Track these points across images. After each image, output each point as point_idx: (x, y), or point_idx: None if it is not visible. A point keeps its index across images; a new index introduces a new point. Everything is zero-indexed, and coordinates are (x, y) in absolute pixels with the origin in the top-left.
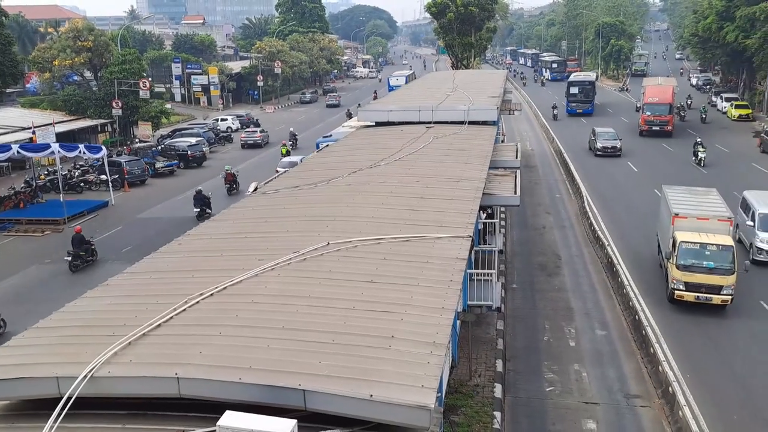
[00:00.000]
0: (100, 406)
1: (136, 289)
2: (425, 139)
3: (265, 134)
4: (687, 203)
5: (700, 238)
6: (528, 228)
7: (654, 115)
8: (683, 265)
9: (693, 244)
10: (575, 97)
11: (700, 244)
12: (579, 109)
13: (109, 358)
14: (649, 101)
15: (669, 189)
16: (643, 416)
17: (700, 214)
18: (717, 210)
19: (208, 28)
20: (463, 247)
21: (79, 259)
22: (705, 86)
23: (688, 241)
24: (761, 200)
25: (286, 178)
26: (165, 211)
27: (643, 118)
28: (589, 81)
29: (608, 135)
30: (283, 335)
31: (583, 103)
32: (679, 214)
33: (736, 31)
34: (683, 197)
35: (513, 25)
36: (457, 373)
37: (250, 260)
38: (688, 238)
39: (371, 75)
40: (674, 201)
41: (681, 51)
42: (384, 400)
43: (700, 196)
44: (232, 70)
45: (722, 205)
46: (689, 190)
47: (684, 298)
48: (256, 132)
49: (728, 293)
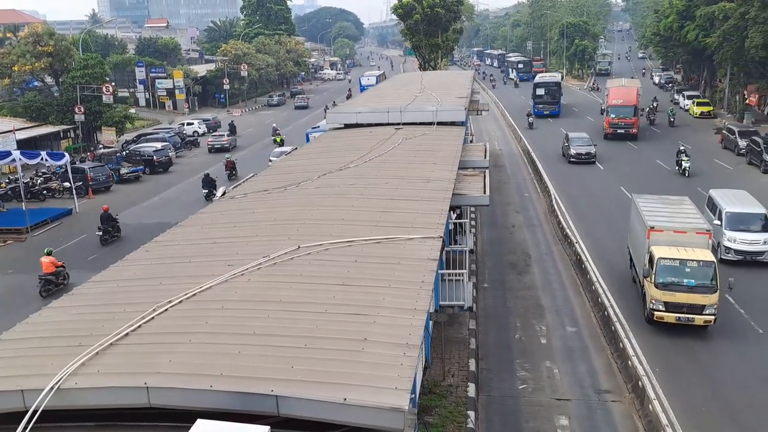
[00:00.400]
0: (68, 418)
1: (103, 298)
2: (394, 141)
3: (232, 138)
4: (661, 215)
5: (679, 253)
6: (498, 227)
7: (618, 117)
8: (662, 283)
9: (672, 260)
10: (541, 99)
11: (679, 261)
12: (546, 111)
13: (76, 369)
14: (613, 103)
15: (640, 199)
16: (614, 411)
17: (677, 227)
18: (694, 222)
19: (172, 31)
20: (434, 248)
21: (108, 234)
22: (667, 84)
23: (666, 257)
24: (727, 199)
25: (255, 182)
26: (131, 217)
27: (608, 120)
28: (555, 82)
29: (582, 140)
30: (254, 341)
31: (550, 104)
32: (655, 227)
33: (696, 30)
34: (656, 207)
35: (479, 26)
36: (430, 373)
37: (219, 266)
38: (666, 253)
39: (339, 77)
40: (648, 212)
41: (643, 50)
42: (358, 404)
43: (673, 206)
44: (197, 73)
45: (698, 216)
46: (661, 200)
47: (664, 319)
48: (223, 136)
49: (711, 313)
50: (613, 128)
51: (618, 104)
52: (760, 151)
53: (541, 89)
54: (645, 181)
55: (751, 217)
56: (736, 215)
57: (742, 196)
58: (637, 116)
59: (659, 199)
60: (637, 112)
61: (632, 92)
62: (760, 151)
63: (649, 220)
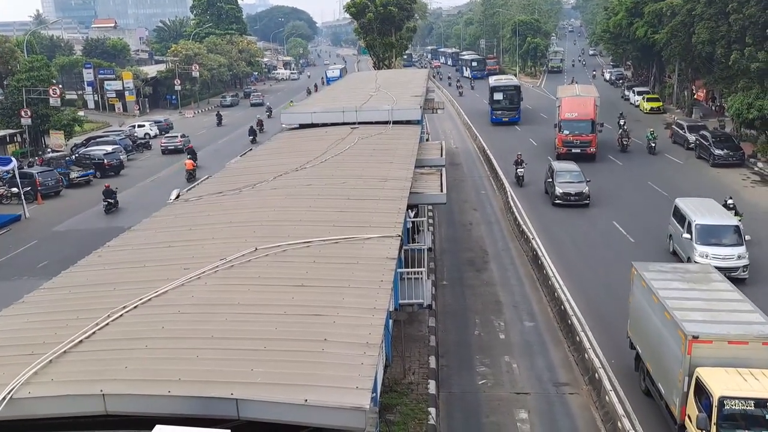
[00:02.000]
0: (22, 429)
1: (55, 305)
2: (350, 140)
3: (185, 139)
4: (693, 305)
5: (753, 387)
6: (455, 225)
7: (573, 134)
8: None
9: (744, 402)
10: (499, 104)
11: (755, 402)
12: (505, 117)
13: (29, 378)
14: (567, 117)
15: (651, 274)
16: (572, 403)
17: (732, 334)
18: (750, 320)
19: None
20: (393, 247)
21: (110, 205)
22: (618, 81)
23: (734, 396)
24: (696, 209)
25: (209, 184)
26: (83, 222)
27: (560, 138)
28: (513, 86)
29: (571, 175)
30: (212, 345)
31: (509, 110)
32: (700, 336)
33: (645, 27)
34: (678, 289)
35: (432, 25)
36: (391, 372)
37: (175, 270)
38: (732, 390)
39: (293, 77)
40: (673, 302)
41: (594, 47)
42: (319, 404)
43: (701, 285)
44: (147, 74)
45: (746, 303)
46: (679, 273)
47: None
48: (176, 137)
49: None
50: (566, 147)
51: (572, 118)
52: (708, 145)
53: (499, 93)
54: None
55: (723, 229)
56: (707, 228)
57: (711, 206)
58: (595, 132)
59: (674, 271)
60: (594, 127)
61: (588, 103)
62: (708, 145)
63: (687, 324)
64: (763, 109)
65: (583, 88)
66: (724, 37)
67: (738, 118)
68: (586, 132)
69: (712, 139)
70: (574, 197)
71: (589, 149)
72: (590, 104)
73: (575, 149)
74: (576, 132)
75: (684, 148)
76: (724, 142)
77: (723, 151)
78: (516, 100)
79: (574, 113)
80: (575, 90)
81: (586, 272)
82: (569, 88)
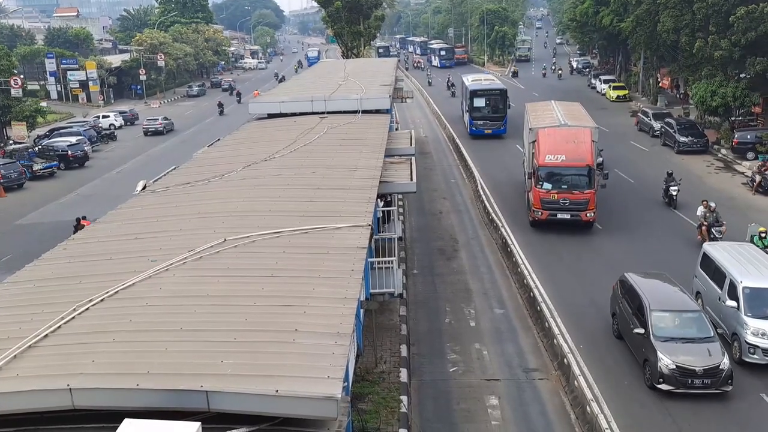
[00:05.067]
0: None
1: (19, 299)
2: (319, 130)
3: (168, 122)
4: None
5: None
6: (426, 214)
7: (559, 190)
8: None
9: None
10: (481, 112)
11: None
12: (487, 129)
13: None
14: (548, 162)
15: None
16: (541, 388)
17: None
18: None
19: (83, 20)
20: (363, 236)
21: None
22: (584, 69)
23: None
24: (738, 262)
25: (176, 175)
26: (47, 215)
27: (538, 195)
28: (498, 89)
29: (683, 321)
30: (181, 337)
31: (493, 120)
32: None
33: (611, 15)
34: None
35: (401, 14)
36: (362, 361)
37: (142, 262)
38: None
39: (260, 66)
40: None
41: (561, 36)
42: (290, 394)
43: None
44: (111, 64)
45: None
46: None
47: None
48: (157, 119)
49: None
50: (548, 210)
51: (556, 164)
52: (673, 132)
53: (481, 99)
54: None
55: None
56: (760, 293)
57: (754, 257)
58: (594, 186)
59: None
60: (593, 178)
61: (581, 138)
62: (673, 132)
63: None
64: (726, 96)
65: (568, 108)
66: (688, 25)
67: (702, 105)
68: (580, 187)
69: (677, 126)
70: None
71: (584, 214)
72: (584, 140)
73: (562, 214)
74: (564, 187)
75: (649, 136)
76: (689, 130)
77: (687, 138)
78: (502, 107)
79: (559, 155)
80: (555, 114)
81: (554, 260)
82: (543, 109)
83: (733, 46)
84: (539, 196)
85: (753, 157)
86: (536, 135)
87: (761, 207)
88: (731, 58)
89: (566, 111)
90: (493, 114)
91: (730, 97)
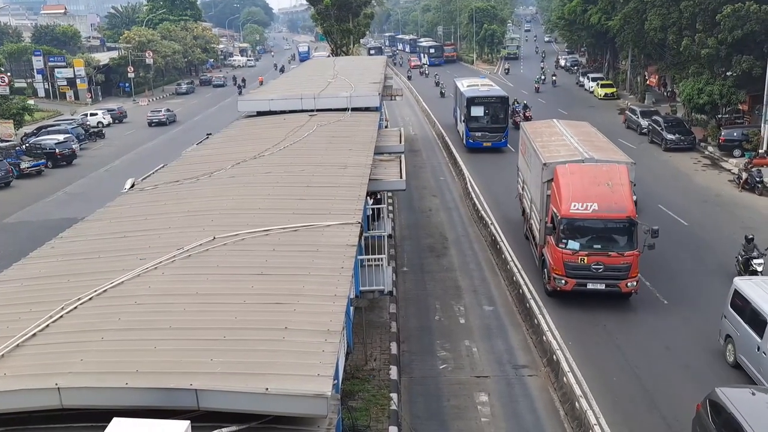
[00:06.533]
0: None
1: (7, 298)
2: (309, 128)
3: (170, 113)
4: None
5: None
6: (415, 211)
7: (592, 252)
8: None
9: None
10: (479, 123)
11: None
12: (486, 142)
13: None
14: (575, 212)
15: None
16: (531, 385)
17: None
18: None
19: (70, 18)
20: (353, 234)
21: None
22: (573, 67)
23: None
24: None
25: (165, 173)
26: (35, 214)
27: (561, 258)
28: (498, 97)
29: None
30: (170, 335)
31: (493, 131)
32: None
33: (599, 14)
34: None
35: (390, 11)
36: (352, 358)
37: (130, 260)
38: None
39: (249, 63)
40: None
41: (550, 34)
42: (280, 392)
43: None
44: (99, 61)
45: None
46: None
47: None
48: (161, 111)
49: None
50: (576, 278)
51: (586, 215)
52: (660, 130)
53: (479, 108)
54: None
55: None
56: None
57: None
58: (637, 245)
59: None
60: (635, 234)
61: (616, 178)
62: (660, 130)
63: None
64: (713, 94)
65: (581, 132)
66: (675, 23)
67: (689, 103)
68: (619, 247)
69: (664, 124)
70: None
71: (624, 284)
72: (621, 181)
73: (594, 283)
74: (597, 247)
75: (637, 133)
76: (676, 127)
77: (675, 135)
78: (503, 116)
79: (589, 204)
80: (569, 141)
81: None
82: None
83: (720, 45)
84: (562, 259)
85: (739, 155)
86: (554, 173)
87: (747, 204)
88: (718, 56)
89: (581, 136)
90: (493, 125)
91: (717, 95)
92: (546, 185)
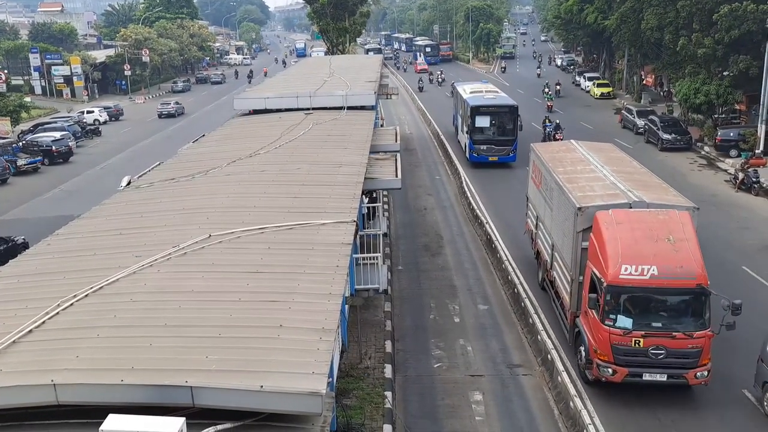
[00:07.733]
0: None
1: (3, 294)
2: (304, 126)
3: (179, 106)
4: None
5: None
6: (411, 210)
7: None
8: None
9: None
10: (484, 134)
11: None
12: (492, 156)
13: None
14: (627, 278)
15: None
16: (525, 384)
17: None
18: None
19: (67, 15)
20: (348, 232)
21: None
22: (569, 66)
23: None
24: None
25: (161, 171)
26: (31, 211)
27: (608, 339)
28: (507, 106)
29: None
30: (166, 333)
31: (501, 145)
32: None
33: (595, 13)
34: None
35: (386, 10)
36: (347, 357)
37: (126, 257)
38: None
39: (246, 61)
40: None
41: (546, 33)
42: (275, 390)
43: None
44: (96, 59)
45: None
46: None
47: None
48: (170, 103)
49: None
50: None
51: (642, 281)
52: (656, 129)
53: (484, 118)
54: None
55: None
56: None
57: None
58: (711, 326)
59: None
60: (708, 307)
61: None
62: (656, 129)
63: None
64: (710, 94)
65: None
66: (672, 23)
67: (685, 103)
68: (687, 325)
69: (661, 123)
70: None
71: (692, 375)
72: (685, 235)
73: (653, 374)
74: (656, 325)
75: (633, 133)
76: (672, 127)
77: (671, 135)
78: (511, 128)
79: (646, 267)
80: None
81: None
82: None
83: (717, 44)
84: (610, 341)
85: (736, 155)
86: (595, 222)
87: (744, 204)
88: (714, 56)
89: (614, 165)
90: (501, 137)
91: (714, 95)
92: (581, 235)
